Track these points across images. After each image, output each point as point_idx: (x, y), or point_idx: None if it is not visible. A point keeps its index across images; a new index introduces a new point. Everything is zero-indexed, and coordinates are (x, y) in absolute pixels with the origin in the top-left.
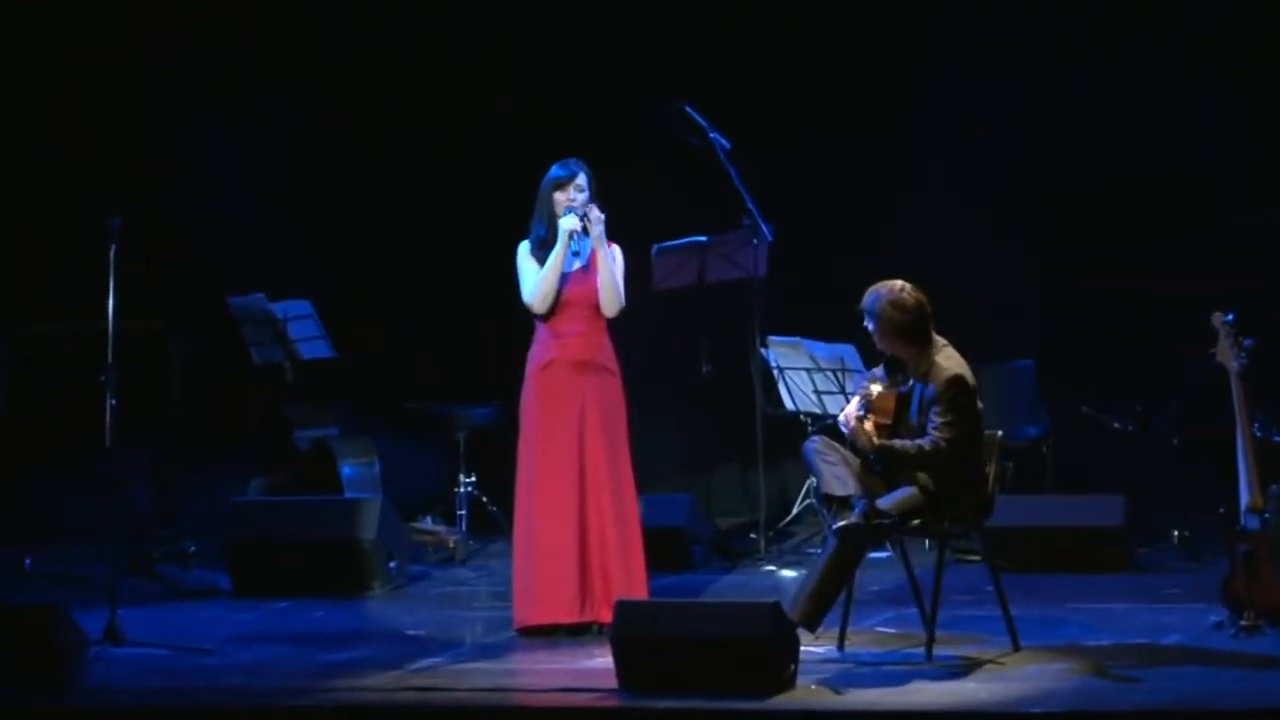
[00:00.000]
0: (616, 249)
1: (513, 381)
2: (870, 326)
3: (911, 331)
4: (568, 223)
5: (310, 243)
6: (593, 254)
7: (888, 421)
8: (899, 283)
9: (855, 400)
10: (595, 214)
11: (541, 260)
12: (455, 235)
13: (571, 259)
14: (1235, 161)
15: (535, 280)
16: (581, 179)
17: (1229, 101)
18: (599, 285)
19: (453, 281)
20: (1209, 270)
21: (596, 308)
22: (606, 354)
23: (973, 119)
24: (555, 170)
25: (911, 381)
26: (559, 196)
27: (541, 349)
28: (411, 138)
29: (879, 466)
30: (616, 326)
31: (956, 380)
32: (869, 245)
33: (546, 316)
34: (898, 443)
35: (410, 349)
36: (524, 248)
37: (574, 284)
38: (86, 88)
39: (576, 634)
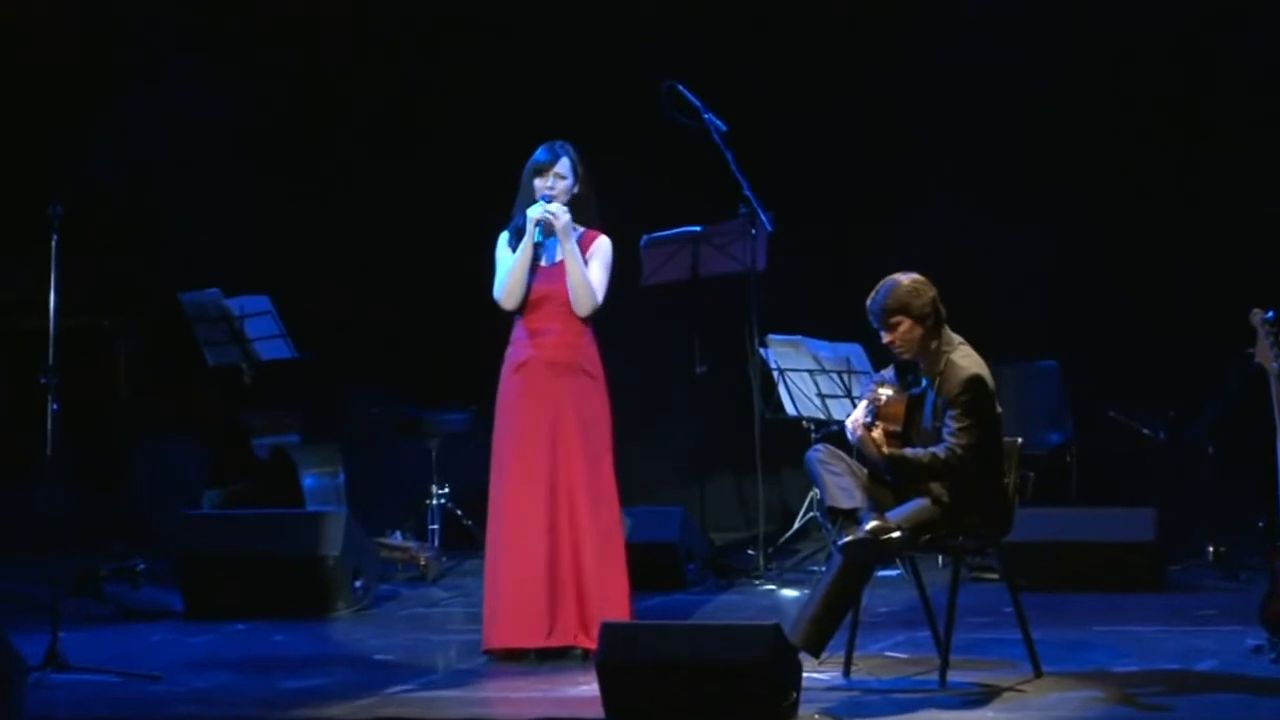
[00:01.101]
0: (603, 241)
1: (489, 384)
2: (889, 325)
3: (937, 318)
4: (535, 211)
5: (269, 234)
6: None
7: (898, 428)
8: (905, 273)
9: (862, 405)
10: (558, 211)
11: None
12: (429, 225)
13: (544, 252)
14: (1275, 147)
15: (503, 274)
16: (563, 165)
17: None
18: (568, 284)
19: (425, 275)
20: (1247, 264)
21: (570, 305)
22: (586, 355)
23: (986, 96)
24: (537, 154)
25: (924, 383)
26: (539, 183)
27: (516, 349)
28: (380, 121)
29: (889, 477)
30: (601, 325)
31: (975, 381)
32: (877, 235)
33: (520, 314)
34: (910, 451)
35: (378, 349)
36: (502, 238)
37: (547, 280)
38: (22, 60)
39: (547, 659)
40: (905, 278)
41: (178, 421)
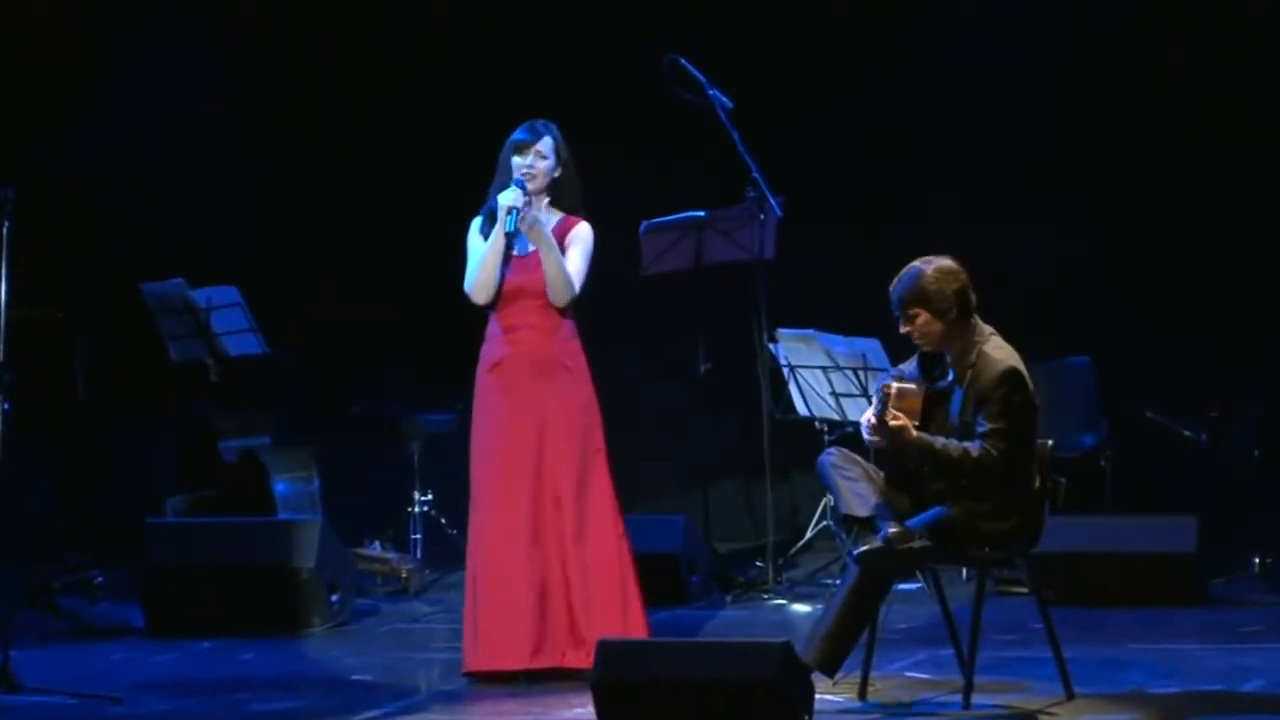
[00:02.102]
0: (583, 228)
1: (473, 383)
2: (907, 317)
3: (963, 309)
4: (507, 198)
5: (239, 221)
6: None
7: (914, 424)
8: (932, 259)
9: (875, 401)
10: (524, 209)
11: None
12: (412, 214)
13: (516, 241)
14: None
15: (474, 265)
16: (545, 144)
17: None
18: (545, 277)
19: (407, 266)
20: None
21: (548, 297)
22: (566, 349)
23: (1009, 73)
24: (517, 132)
25: (951, 375)
26: (517, 161)
27: (491, 346)
28: (357, 96)
29: (913, 464)
30: (596, 320)
31: (1011, 375)
32: (894, 221)
33: (494, 308)
34: (940, 441)
35: (356, 344)
36: (474, 224)
37: (521, 270)
38: None
39: (537, 680)
40: (930, 265)
41: (139, 422)
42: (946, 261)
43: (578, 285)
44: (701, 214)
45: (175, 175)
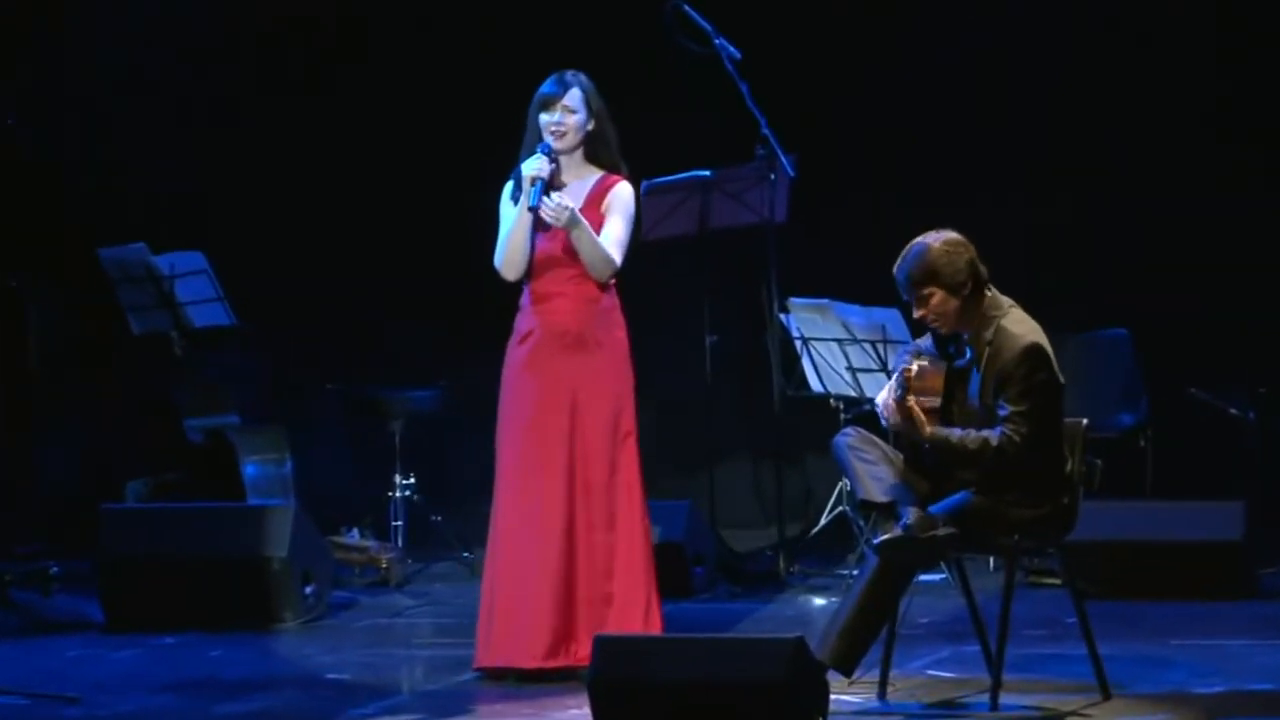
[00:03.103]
0: (622, 189)
1: (461, 358)
2: (920, 298)
3: (977, 282)
4: (530, 167)
5: (204, 180)
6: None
7: (936, 403)
8: (935, 232)
9: (892, 380)
10: (554, 201)
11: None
12: (393, 171)
13: (540, 215)
14: None
15: (500, 239)
16: (573, 97)
17: None
18: (581, 257)
19: (388, 231)
20: None
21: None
22: (605, 323)
23: (1053, 29)
24: (543, 86)
25: (969, 354)
26: (545, 119)
27: (522, 317)
28: (337, 56)
29: (930, 461)
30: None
31: (1033, 351)
32: (918, 181)
33: (527, 277)
34: (956, 433)
35: (332, 315)
36: (506, 190)
37: (552, 238)
38: None
39: (551, 680)
40: (935, 239)
41: (97, 399)
42: (951, 233)
43: (619, 257)
44: (707, 174)
45: (136, 132)
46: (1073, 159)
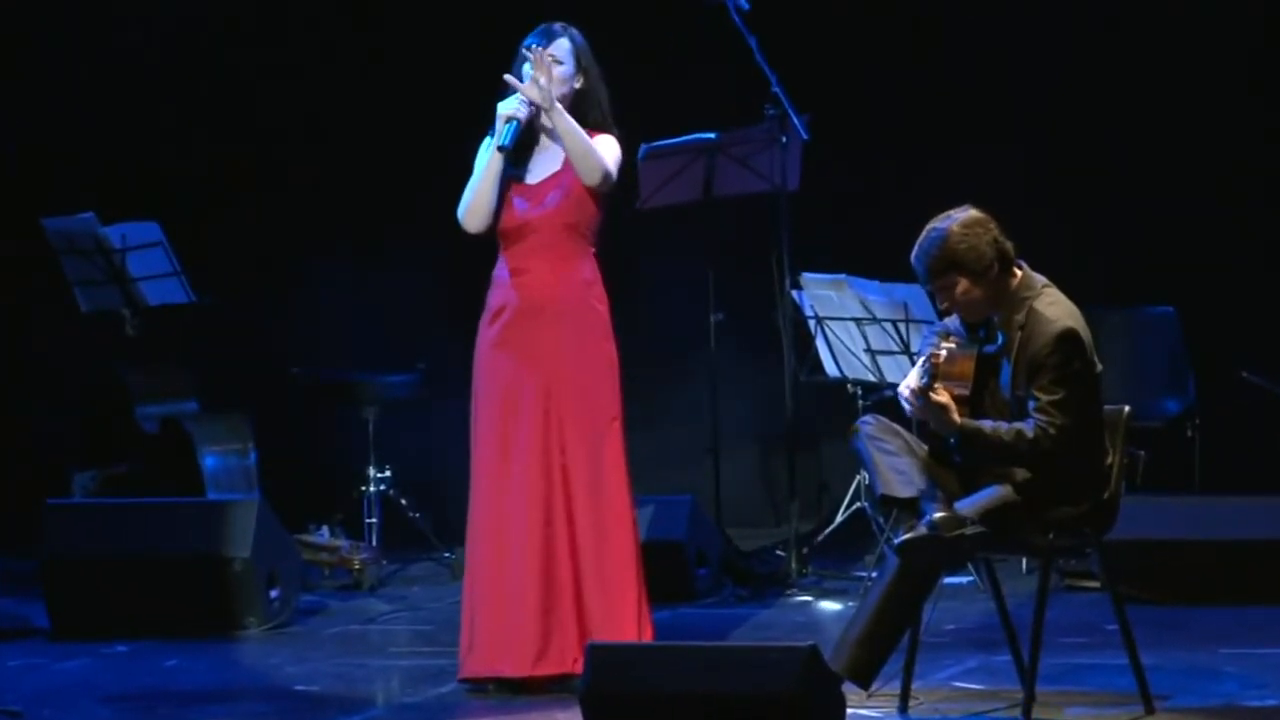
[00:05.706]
0: (606, 138)
1: (439, 339)
2: (943, 286)
3: (1003, 263)
4: (506, 106)
5: (161, 146)
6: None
7: (965, 391)
8: (954, 212)
9: (918, 366)
10: (541, 84)
11: (507, 160)
12: (367, 136)
13: (529, 165)
14: None
15: (467, 187)
16: (560, 47)
17: None
18: (569, 155)
19: (362, 202)
20: None
21: (563, 232)
22: (586, 296)
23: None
24: (527, 38)
25: (1000, 338)
26: (529, 72)
27: (494, 292)
28: (304, 12)
29: (960, 456)
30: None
31: (1068, 336)
32: (943, 146)
33: (501, 247)
34: (989, 424)
35: (299, 293)
36: (484, 143)
37: (531, 200)
38: None
39: (539, 690)
40: (954, 221)
41: (42, 383)
42: (969, 212)
43: (612, 167)
44: (711, 136)
45: (85, 94)
46: (1119, 122)
